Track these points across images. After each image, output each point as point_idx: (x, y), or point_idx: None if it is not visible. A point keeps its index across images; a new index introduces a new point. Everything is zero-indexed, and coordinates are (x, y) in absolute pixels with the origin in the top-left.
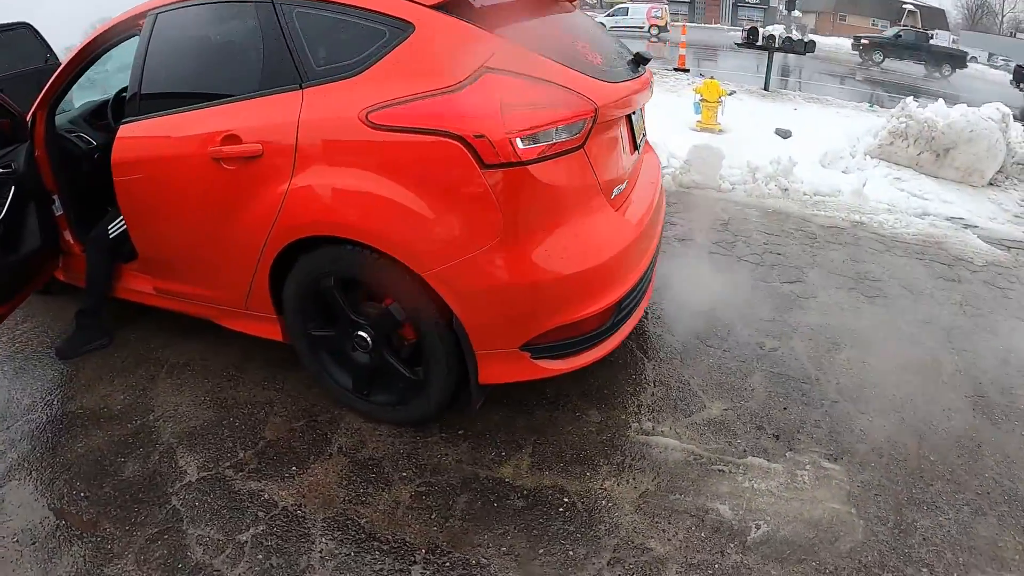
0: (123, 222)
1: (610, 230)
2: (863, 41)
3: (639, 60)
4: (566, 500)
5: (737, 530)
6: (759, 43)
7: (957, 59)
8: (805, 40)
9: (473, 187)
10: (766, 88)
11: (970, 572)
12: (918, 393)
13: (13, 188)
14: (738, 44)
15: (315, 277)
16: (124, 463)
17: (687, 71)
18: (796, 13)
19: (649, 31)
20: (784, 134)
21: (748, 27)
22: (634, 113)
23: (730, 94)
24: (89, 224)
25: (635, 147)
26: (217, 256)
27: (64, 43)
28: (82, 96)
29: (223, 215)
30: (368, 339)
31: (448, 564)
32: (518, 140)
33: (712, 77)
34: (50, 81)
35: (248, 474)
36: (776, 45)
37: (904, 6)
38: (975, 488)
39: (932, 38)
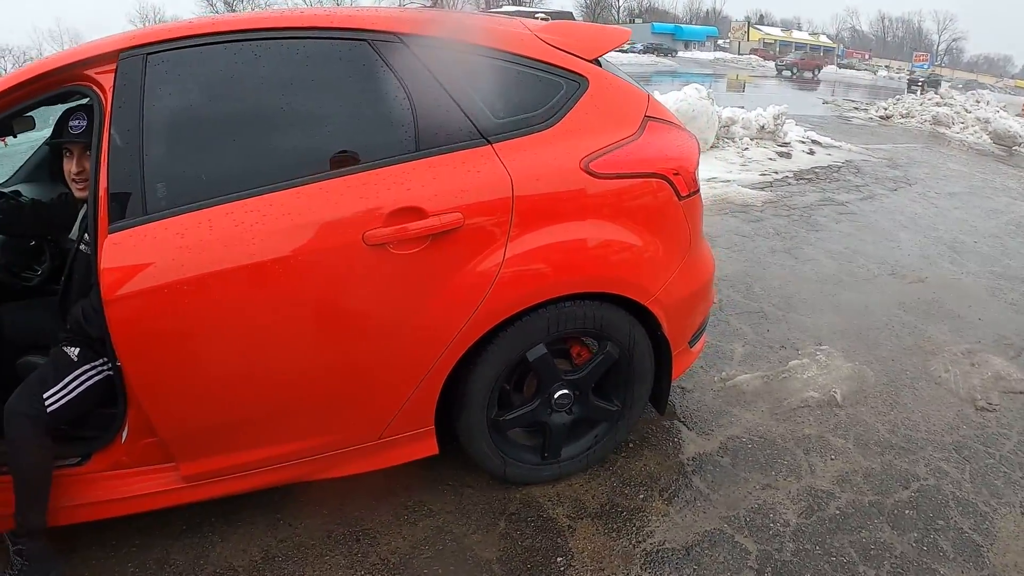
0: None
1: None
2: None
3: None
4: None
5: None
6: None
7: None
8: None
9: (676, 215)
10: None
11: None
12: None
13: None
14: None
15: (522, 351)
16: None
17: None
18: None
19: None
20: None
21: None
22: None
23: None
24: None
25: None
26: (355, 381)
27: None
28: None
29: (376, 319)
30: (572, 394)
31: None
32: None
33: None
34: None
35: None
36: None
37: (537, 16)
38: None
39: None
